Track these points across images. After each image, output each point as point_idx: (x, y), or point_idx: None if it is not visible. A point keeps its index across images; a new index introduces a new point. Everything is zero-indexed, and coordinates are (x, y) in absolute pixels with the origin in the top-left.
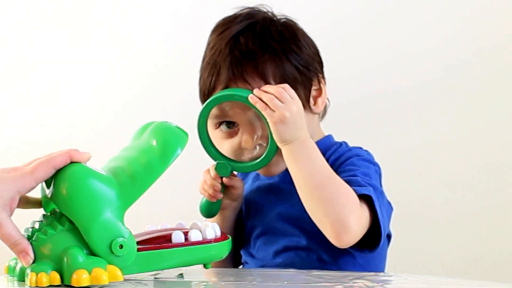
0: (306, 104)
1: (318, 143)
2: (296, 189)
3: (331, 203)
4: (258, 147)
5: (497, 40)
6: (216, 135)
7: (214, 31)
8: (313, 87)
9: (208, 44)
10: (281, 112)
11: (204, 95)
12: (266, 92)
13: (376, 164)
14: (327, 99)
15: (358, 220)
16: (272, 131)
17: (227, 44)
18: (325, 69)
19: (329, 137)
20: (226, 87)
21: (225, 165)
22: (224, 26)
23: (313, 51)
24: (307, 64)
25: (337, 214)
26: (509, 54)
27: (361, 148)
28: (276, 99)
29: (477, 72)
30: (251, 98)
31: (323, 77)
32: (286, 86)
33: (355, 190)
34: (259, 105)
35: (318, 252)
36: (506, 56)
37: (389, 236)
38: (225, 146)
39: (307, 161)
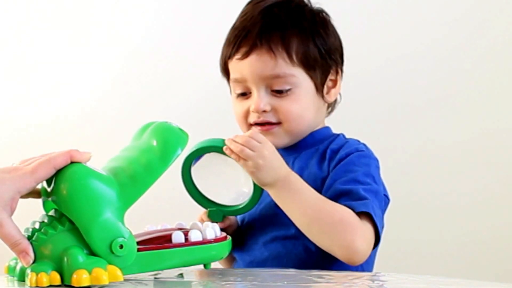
0: (320, 89)
1: (317, 133)
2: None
3: (332, 233)
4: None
5: (503, 42)
6: (235, 97)
7: (250, 2)
8: (331, 76)
9: (241, 12)
10: (254, 161)
11: (225, 58)
12: (235, 142)
13: (375, 159)
14: (339, 94)
15: (363, 240)
16: (252, 178)
17: (260, 12)
18: None
19: (327, 128)
20: (250, 51)
21: (217, 212)
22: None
23: (338, 43)
24: (329, 51)
25: (341, 241)
26: None
27: (358, 141)
28: (246, 149)
29: (477, 71)
30: (225, 150)
31: (342, 71)
32: (253, 132)
33: (354, 207)
34: (233, 156)
35: (305, 241)
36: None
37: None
38: (238, 107)
39: (295, 198)
